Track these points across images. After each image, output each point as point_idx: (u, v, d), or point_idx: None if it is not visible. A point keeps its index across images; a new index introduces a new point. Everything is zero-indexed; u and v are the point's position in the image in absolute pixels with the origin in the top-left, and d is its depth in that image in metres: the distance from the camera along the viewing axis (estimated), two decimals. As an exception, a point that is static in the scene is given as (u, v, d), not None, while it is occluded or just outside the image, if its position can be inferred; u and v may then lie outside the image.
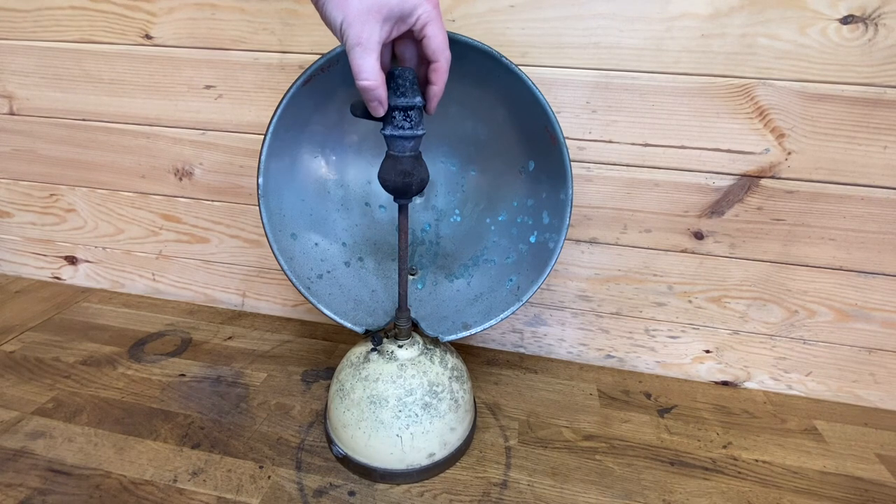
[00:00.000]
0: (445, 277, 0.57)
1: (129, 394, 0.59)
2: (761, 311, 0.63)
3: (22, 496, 0.46)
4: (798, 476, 0.53)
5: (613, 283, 0.65)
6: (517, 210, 0.54)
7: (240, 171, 0.69)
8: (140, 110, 0.68)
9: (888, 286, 0.59)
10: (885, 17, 0.48)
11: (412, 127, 0.40)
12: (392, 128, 0.40)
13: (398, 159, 0.41)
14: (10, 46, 0.68)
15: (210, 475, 0.49)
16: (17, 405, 0.56)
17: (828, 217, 0.57)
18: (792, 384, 0.66)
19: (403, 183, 0.41)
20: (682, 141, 0.56)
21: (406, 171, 0.41)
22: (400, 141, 0.40)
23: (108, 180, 0.74)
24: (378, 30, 0.35)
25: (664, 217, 0.60)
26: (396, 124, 0.40)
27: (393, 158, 0.41)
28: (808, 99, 0.52)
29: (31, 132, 0.73)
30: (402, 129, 0.40)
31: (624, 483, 0.51)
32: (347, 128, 0.54)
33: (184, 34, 0.62)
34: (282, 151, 0.49)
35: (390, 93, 0.38)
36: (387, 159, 0.42)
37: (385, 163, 0.42)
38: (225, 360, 0.66)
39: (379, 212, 0.58)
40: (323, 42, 0.59)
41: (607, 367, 0.70)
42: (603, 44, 0.53)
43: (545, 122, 0.46)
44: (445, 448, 0.50)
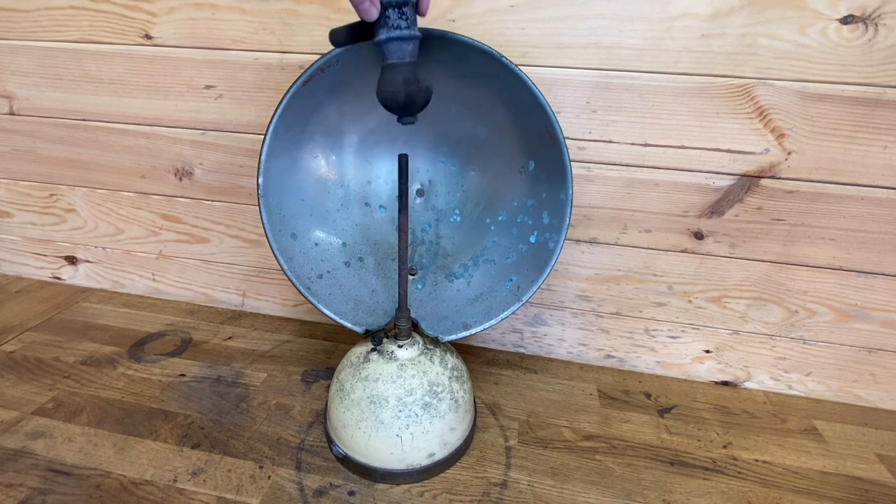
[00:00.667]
0: (445, 277, 0.57)
1: (129, 394, 0.59)
2: (761, 311, 0.63)
3: (22, 496, 0.46)
4: (798, 476, 0.53)
5: (613, 283, 0.65)
6: (517, 210, 0.54)
7: (240, 171, 0.69)
8: (140, 110, 0.68)
9: (888, 286, 0.59)
10: (885, 17, 0.48)
11: (409, 26, 0.37)
12: (388, 30, 0.37)
13: (398, 67, 0.37)
14: (10, 46, 0.68)
15: (210, 475, 0.49)
16: (17, 405, 0.56)
17: (828, 217, 0.57)
18: (792, 384, 0.66)
19: (407, 94, 0.38)
20: (682, 141, 0.56)
21: (409, 78, 0.37)
22: (398, 44, 0.37)
23: (108, 180, 0.74)
24: None
25: (664, 217, 0.60)
26: (392, 24, 0.36)
27: (393, 68, 0.37)
28: (808, 99, 0.52)
29: (31, 132, 0.73)
30: (400, 28, 0.36)
31: (624, 483, 0.51)
32: (347, 128, 0.54)
33: (184, 34, 0.62)
34: (282, 151, 0.49)
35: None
36: (385, 71, 0.38)
37: (384, 76, 0.38)
38: (225, 360, 0.66)
39: (379, 212, 0.58)
40: (323, 42, 0.59)
41: (607, 367, 0.70)
42: (603, 44, 0.53)
43: (545, 122, 0.46)
44: (445, 448, 0.50)
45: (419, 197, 0.58)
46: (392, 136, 0.55)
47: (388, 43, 0.37)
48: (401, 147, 0.55)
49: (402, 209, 0.44)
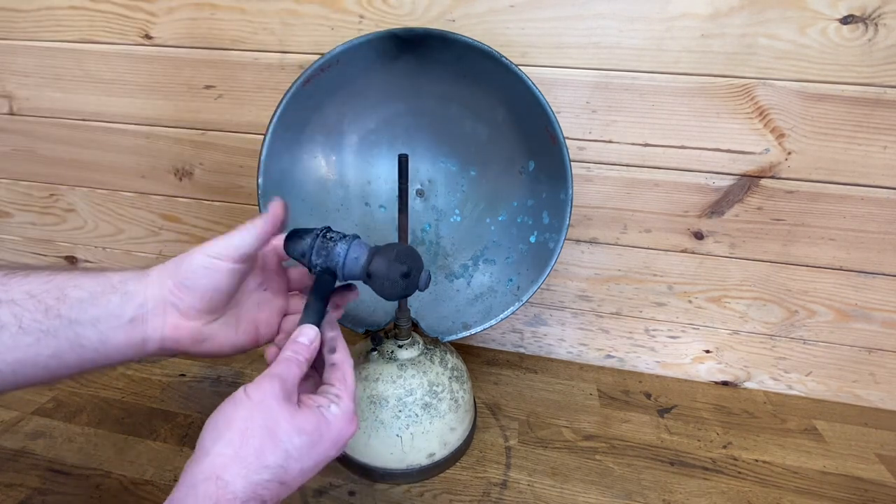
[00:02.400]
0: (445, 277, 0.57)
1: (129, 394, 0.59)
2: (761, 311, 0.63)
3: (22, 496, 0.46)
4: (798, 476, 0.53)
5: (613, 283, 0.65)
6: (517, 210, 0.54)
7: (240, 171, 0.69)
8: (140, 110, 0.68)
9: (888, 286, 0.59)
10: (885, 17, 0.48)
11: (327, 255, 0.35)
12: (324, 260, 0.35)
13: (377, 277, 0.35)
14: (10, 46, 0.68)
15: (210, 475, 0.49)
16: (17, 405, 0.56)
17: (828, 217, 0.57)
18: (792, 384, 0.66)
19: (406, 283, 0.35)
20: (682, 141, 0.56)
21: (403, 271, 0.35)
22: (352, 263, 0.35)
23: (108, 180, 0.74)
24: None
25: (664, 217, 0.60)
26: (331, 261, 0.35)
27: (379, 277, 0.35)
28: (808, 99, 0.52)
29: (31, 132, 0.73)
30: (337, 258, 0.35)
31: (624, 483, 0.51)
32: (347, 128, 0.54)
33: (184, 34, 0.62)
34: (282, 151, 0.49)
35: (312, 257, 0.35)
36: (374, 281, 0.35)
37: (376, 283, 0.35)
38: (225, 359, 0.66)
39: (379, 212, 0.58)
40: (323, 42, 0.59)
41: (607, 367, 0.70)
42: (603, 44, 0.53)
43: (545, 122, 0.46)
44: (445, 448, 0.50)
45: (419, 197, 0.58)
46: (392, 136, 0.55)
47: (345, 268, 0.35)
48: (401, 147, 0.55)
49: (402, 209, 0.44)
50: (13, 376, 0.29)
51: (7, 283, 0.30)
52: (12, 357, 0.29)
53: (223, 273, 0.33)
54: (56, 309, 0.30)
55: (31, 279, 0.30)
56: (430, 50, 0.47)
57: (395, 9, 0.56)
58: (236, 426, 0.28)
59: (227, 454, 0.27)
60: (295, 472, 0.29)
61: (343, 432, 0.31)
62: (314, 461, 0.30)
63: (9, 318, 0.29)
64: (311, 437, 0.29)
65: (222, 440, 0.27)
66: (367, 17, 0.57)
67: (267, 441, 0.28)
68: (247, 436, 0.28)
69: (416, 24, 0.56)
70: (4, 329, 0.28)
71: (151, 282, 0.33)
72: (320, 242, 0.35)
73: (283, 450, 0.28)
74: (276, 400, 0.29)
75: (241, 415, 0.28)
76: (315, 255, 0.35)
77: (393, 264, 0.35)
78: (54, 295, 0.30)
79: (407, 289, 0.35)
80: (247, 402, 0.29)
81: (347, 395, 0.32)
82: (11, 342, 0.29)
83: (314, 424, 0.30)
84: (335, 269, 0.35)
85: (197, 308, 0.33)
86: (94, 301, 0.31)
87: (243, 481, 0.27)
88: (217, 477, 0.26)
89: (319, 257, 0.35)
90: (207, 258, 0.32)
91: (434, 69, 0.49)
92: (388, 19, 0.56)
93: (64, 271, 0.32)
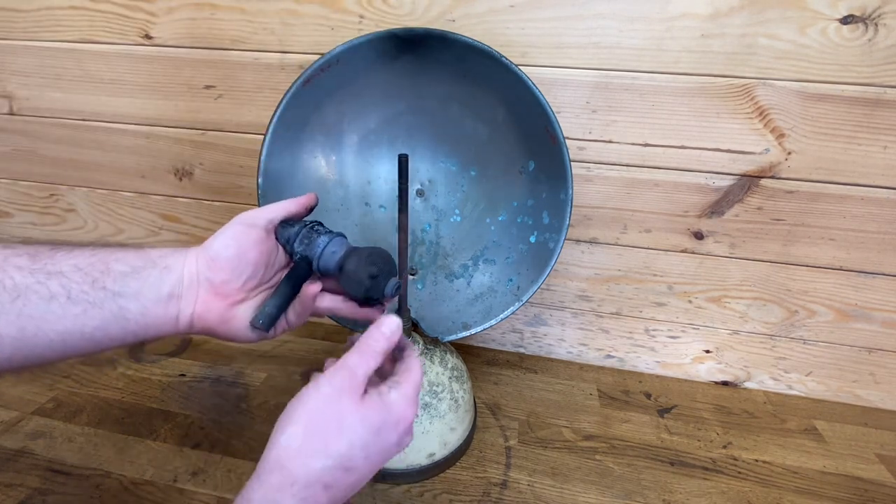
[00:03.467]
0: (445, 277, 0.57)
1: (129, 394, 0.59)
2: (761, 311, 0.63)
3: (22, 496, 0.46)
4: (798, 476, 0.53)
5: (613, 283, 0.65)
6: (517, 210, 0.54)
7: (240, 171, 0.69)
8: (140, 110, 0.68)
9: (888, 286, 0.59)
10: (885, 17, 0.48)
11: (308, 246, 0.37)
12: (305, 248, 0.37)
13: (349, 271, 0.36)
14: (10, 46, 0.68)
15: (210, 475, 0.49)
16: (17, 405, 0.56)
17: (828, 217, 0.57)
18: (792, 384, 0.66)
19: (371, 284, 0.36)
20: (682, 141, 0.56)
21: (372, 272, 0.36)
22: (328, 256, 0.37)
23: (108, 180, 0.74)
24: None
25: (664, 217, 0.60)
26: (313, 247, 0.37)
27: (347, 273, 0.36)
28: (808, 99, 0.52)
29: (31, 132, 0.73)
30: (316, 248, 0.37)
31: (624, 483, 0.51)
32: (347, 128, 0.54)
33: (184, 34, 0.62)
34: (282, 151, 0.49)
35: (296, 244, 0.37)
36: (343, 276, 0.37)
37: (345, 279, 0.37)
38: (225, 360, 0.66)
39: (379, 212, 0.58)
40: (323, 42, 0.59)
41: (607, 367, 0.70)
42: (603, 44, 0.53)
43: (545, 122, 0.46)
44: (445, 448, 0.50)
45: (419, 197, 0.58)
46: (392, 136, 0.55)
47: (322, 259, 0.37)
48: (401, 147, 0.55)
49: (402, 209, 0.44)
50: (62, 345, 0.31)
51: (54, 256, 0.31)
52: (62, 326, 0.30)
53: (251, 241, 0.36)
54: (101, 281, 0.32)
55: (76, 254, 0.32)
56: (430, 50, 0.47)
57: (395, 9, 0.56)
58: (303, 419, 0.29)
59: (292, 447, 0.28)
60: (360, 460, 0.30)
61: (403, 415, 0.32)
62: (379, 447, 0.31)
63: (58, 288, 0.30)
64: (374, 424, 0.30)
65: (286, 433, 0.29)
66: (367, 17, 0.57)
67: (333, 431, 0.29)
68: (311, 428, 0.29)
69: (416, 24, 0.56)
70: (54, 299, 0.30)
71: (190, 259, 0.35)
72: (305, 232, 0.37)
73: (347, 438, 0.29)
74: (343, 392, 0.30)
75: (309, 407, 0.29)
76: (298, 242, 0.37)
77: (363, 264, 0.36)
78: (99, 268, 0.32)
79: (370, 290, 0.36)
80: (315, 395, 0.30)
81: (408, 382, 0.33)
82: (61, 311, 0.30)
83: (376, 411, 0.30)
84: (312, 259, 0.37)
85: (227, 281, 0.35)
86: (136, 275, 0.33)
87: (304, 470, 0.28)
88: (281, 467, 0.28)
89: (301, 245, 0.37)
90: (238, 226, 0.36)
91: (434, 69, 0.49)
92: (388, 19, 0.56)
93: (106, 247, 0.34)
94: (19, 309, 0.29)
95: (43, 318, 0.30)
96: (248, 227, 0.36)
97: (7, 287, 0.29)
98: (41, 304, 0.30)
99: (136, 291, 0.33)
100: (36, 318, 0.30)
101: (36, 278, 0.30)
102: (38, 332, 0.30)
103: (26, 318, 0.29)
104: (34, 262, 0.31)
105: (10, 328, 0.29)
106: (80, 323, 0.31)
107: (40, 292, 0.30)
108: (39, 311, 0.30)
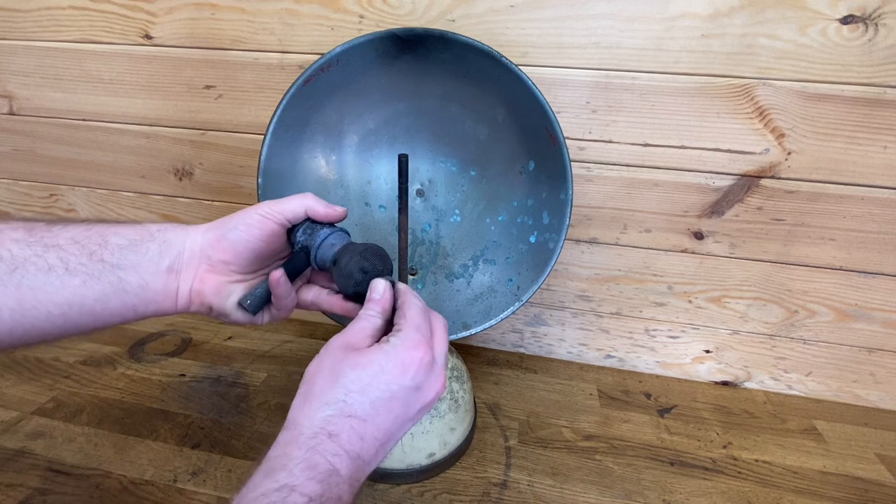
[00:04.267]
0: (445, 277, 0.57)
1: (129, 394, 0.59)
2: (761, 311, 0.63)
3: (22, 496, 0.46)
4: (798, 476, 0.53)
5: (613, 283, 0.65)
6: (517, 210, 0.54)
7: (240, 171, 0.69)
8: (140, 110, 0.68)
9: (888, 286, 0.59)
10: (885, 17, 0.48)
11: (310, 236, 0.37)
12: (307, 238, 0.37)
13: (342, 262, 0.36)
14: (10, 46, 0.68)
15: (210, 475, 0.49)
16: (17, 405, 0.56)
17: (828, 217, 0.57)
18: (792, 384, 0.66)
19: (361, 279, 0.36)
20: (682, 141, 0.56)
21: (364, 267, 0.36)
22: (326, 248, 0.37)
23: (108, 180, 0.74)
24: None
25: (664, 217, 0.60)
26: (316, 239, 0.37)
27: (340, 267, 0.36)
28: (808, 99, 0.52)
29: (31, 132, 0.73)
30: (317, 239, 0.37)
31: (624, 483, 0.51)
32: (347, 128, 0.54)
33: (184, 34, 0.62)
34: (282, 151, 0.49)
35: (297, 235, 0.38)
36: (335, 270, 0.37)
37: (336, 272, 0.37)
38: (225, 360, 0.66)
39: (379, 212, 0.58)
40: (323, 42, 0.59)
41: (607, 367, 0.70)
42: (603, 44, 0.53)
43: (545, 122, 0.46)
44: (445, 448, 0.50)
45: (419, 197, 0.58)
46: (392, 136, 0.55)
47: (321, 249, 0.37)
48: (401, 147, 0.55)
49: (402, 209, 0.44)
50: (62, 319, 0.31)
51: (51, 230, 0.32)
52: (62, 298, 0.30)
53: (264, 231, 0.36)
54: (99, 254, 0.32)
55: (72, 227, 0.32)
56: (430, 50, 0.47)
57: (395, 9, 0.56)
58: (306, 379, 0.31)
59: (296, 404, 0.30)
60: (362, 405, 0.30)
61: (409, 358, 0.31)
62: (381, 390, 0.30)
63: (56, 261, 0.30)
64: (369, 368, 0.30)
65: (296, 395, 0.31)
66: (367, 17, 0.57)
67: (328, 382, 0.30)
68: (312, 384, 0.30)
69: (416, 24, 0.56)
70: (52, 271, 0.30)
71: (194, 234, 0.36)
72: (309, 223, 0.38)
73: (342, 385, 0.30)
74: (338, 349, 0.31)
75: (310, 370, 0.31)
76: (301, 232, 0.37)
77: (356, 259, 0.36)
78: (96, 241, 0.32)
79: (359, 286, 0.36)
80: (316, 358, 0.32)
81: (407, 326, 0.33)
82: (59, 283, 0.30)
83: (371, 357, 0.31)
84: (311, 248, 0.37)
85: (226, 262, 0.36)
86: (134, 248, 0.33)
87: (308, 421, 0.29)
88: (291, 425, 0.29)
89: (304, 235, 0.37)
90: (257, 214, 0.36)
91: (434, 69, 0.49)
92: (388, 19, 0.56)
93: (102, 222, 0.34)
94: (18, 280, 0.29)
95: (42, 289, 0.30)
96: (266, 219, 0.36)
97: (5, 259, 0.29)
98: (39, 275, 0.30)
99: (134, 264, 0.33)
100: (35, 289, 0.30)
101: (33, 250, 0.30)
102: (38, 304, 0.30)
103: (25, 288, 0.30)
104: (31, 235, 0.31)
105: (9, 299, 0.29)
106: (79, 295, 0.31)
107: (38, 264, 0.30)
108: (38, 282, 0.30)
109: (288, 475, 0.27)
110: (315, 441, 0.28)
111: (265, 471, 0.27)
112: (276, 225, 0.36)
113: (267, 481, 0.26)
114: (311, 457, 0.27)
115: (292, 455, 0.27)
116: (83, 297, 0.31)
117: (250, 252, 0.36)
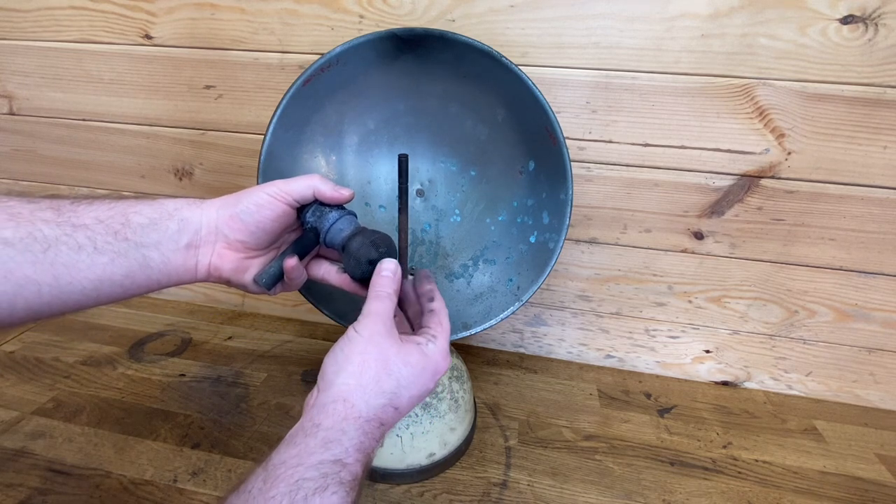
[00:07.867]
0: (445, 277, 0.57)
1: (129, 394, 0.59)
2: (761, 311, 0.63)
3: (22, 496, 0.46)
4: (798, 476, 0.53)
5: (613, 283, 0.65)
6: (517, 210, 0.54)
7: (240, 171, 0.69)
8: (140, 110, 0.68)
9: (888, 286, 0.59)
10: (885, 17, 0.48)
11: (320, 219, 0.39)
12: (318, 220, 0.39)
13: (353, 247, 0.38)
14: (10, 46, 0.68)
15: (210, 475, 0.49)
16: (17, 405, 0.56)
17: (828, 217, 0.57)
18: (792, 384, 0.66)
19: (368, 268, 0.38)
20: (682, 141, 0.56)
21: (372, 256, 0.37)
22: (335, 231, 0.39)
23: (108, 180, 0.74)
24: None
25: (664, 217, 0.60)
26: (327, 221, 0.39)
27: (350, 252, 0.38)
28: (808, 99, 0.52)
29: (31, 132, 0.73)
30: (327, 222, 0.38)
31: (624, 483, 0.51)
32: (347, 128, 0.54)
33: (184, 34, 0.62)
34: (282, 151, 0.49)
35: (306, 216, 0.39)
36: (345, 255, 0.39)
37: (346, 257, 0.39)
38: (225, 360, 0.66)
39: (379, 212, 0.58)
40: (323, 42, 0.59)
41: (607, 367, 0.70)
42: (603, 44, 0.53)
43: (545, 122, 0.46)
44: (445, 448, 0.50)
45: (419, 197, 0.58)
46: (392, 136, 0.55)
47: (330, 233, 0.39)
48: (401, 147, 0.55)
49: (402, 209, 0.44)
50: (96, 293, 0.33)
51: (76, 209, 0.33)
52: (94, 275, 0.32)
53: (275, 212, 0.37)
54: (123, 233, 0.34)
55: (96, 206, 0.34)
56: (429, 50, 0.47)
57: (395, 9, 0.56)
58: (355, 360, 0.32)
59: (350, 383, 0.32)
60: (404, 399, 0.33)
61: (439, 366, 0.35)
62: (418, 390, 0.34)
63: (84, 240, 0.32)
64: (415, 368, 0.33)
65: (344, 372, 0.32)
66: (367, 17, 0.57)
67: (382, 371, 0.32)
68: (364, 367, 0.32)
69: (416, 24, 0.56)
70: (82, 250, 0.32)
71: (208, 211, 0.37)
72: (318, 205, 0.39)
73: (395, 378, 0.33)
74: (382, 335, 0.33)
75: (357, 349, 0.33)
76: (311, 213, 0.39)
77: (366, 246, 0.37)
78: (119, 220, 0.34)
79: (368, 272, 0.38)
80: (358, 338, 0.33)
81: (442, 336, 0.36)
82: (90, 261, 0.32)
83: (417, 358, 0.34)
84: (321, 231, 0.38)
85: (242, 241, 0.38)
86: (154, 227, 0.35)
87: (365, 405, 0.31)
88: (344, 399, 0.31)
89: (314, 217, 0.39)
90: (266, 195, 0.37)
91: (434, 69, 0.49)
92: (388, 19, 0.56)
93: (122, 199, 0.35)
94: (52, 258, 0.31)
95: (75, 266, 0.32)
96: (275, 200, 0.37)
97: (38, 238, 0.31)
98: (71, 254, 0.31)
99: (156, 242, 0.35)
100: (69, 266, 0.31)
101: (63, 230, 0.32)
102: (73, 281, 0.32)
103: (60, 266, 0.31)
104: (59, 215, 0.32)
105: (46, 276, 0.31)
106: (108, 272, 0.33)
107: (69, 243, 0.32)
108: (71, 260, 0.31)
109: (343, 452, 0.29)
110: (370, 426, 0.31)
111: (322, 440, 0.29)
112: (284, 205, 0.38)
113: (323, 451, 0.29)
114: (364, 441, 0.30)
115: (348, 432, 0.30)
116: (112, 274, 0.33)
117: (263, 231, 0.38)
